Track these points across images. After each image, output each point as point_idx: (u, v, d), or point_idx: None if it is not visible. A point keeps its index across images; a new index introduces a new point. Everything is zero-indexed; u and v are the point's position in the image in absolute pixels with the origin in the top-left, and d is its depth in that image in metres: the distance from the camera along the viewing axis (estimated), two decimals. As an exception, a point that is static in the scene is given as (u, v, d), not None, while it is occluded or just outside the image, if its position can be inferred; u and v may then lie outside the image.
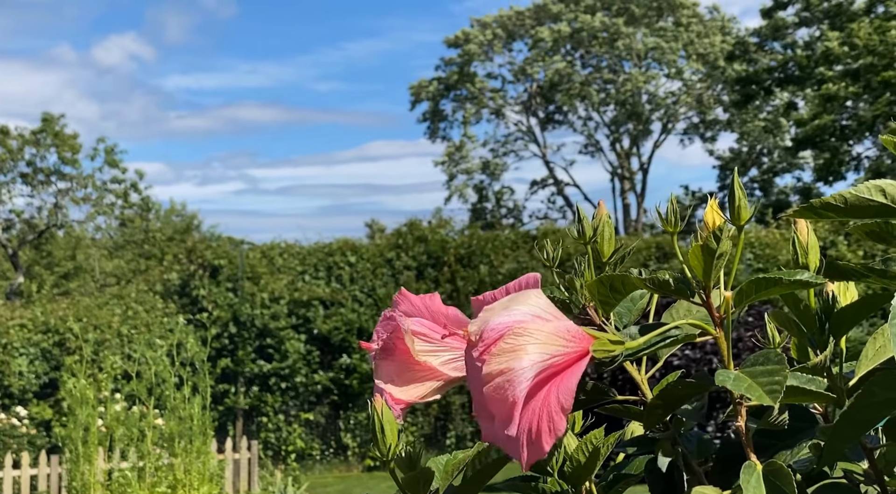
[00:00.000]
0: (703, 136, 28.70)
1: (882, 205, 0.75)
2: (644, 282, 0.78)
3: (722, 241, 0.73)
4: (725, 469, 0.86)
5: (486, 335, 0.66)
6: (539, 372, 0.67)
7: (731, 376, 0.73)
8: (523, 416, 0.68)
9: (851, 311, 0.84)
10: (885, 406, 0.78)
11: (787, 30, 22.13)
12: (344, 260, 15.13)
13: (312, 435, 14.70)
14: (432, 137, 29.15)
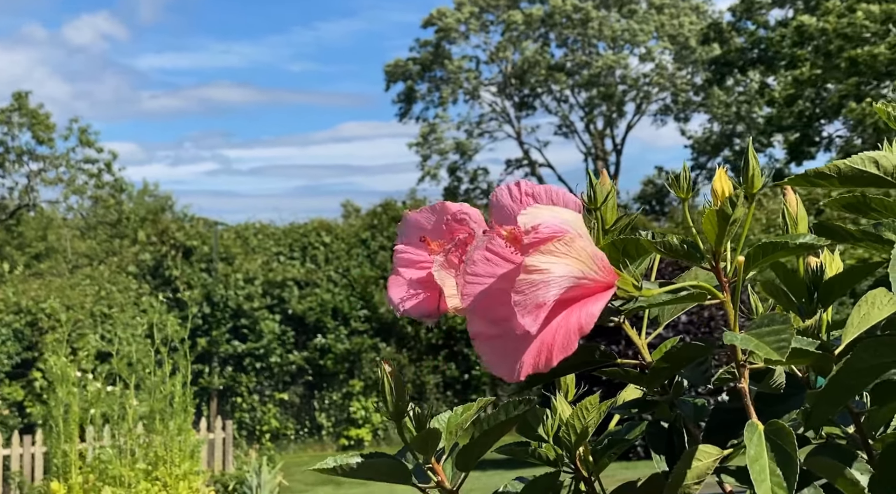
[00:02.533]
0: (676, 117, 28.83)
1: (875, 175, 0.78)
2: (655, 246, 0.80)
3: (737, 208, 0.75)
4: (719, 431, 0.89)
5: (541, 230, 0.67)
6: (571, 287, 0.68)
7: (738, 336, 0.76)
8: (542, 326, 0.68)
9: (839, 280, 0.87)
10: (872, 371, 0.82)
11: (761, 10, 22.21)
12: (319, 240, 15.11)
13: (287, 415, 14.72)
14: (404, 118, 29.11)
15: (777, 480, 0.75)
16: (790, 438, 0.76)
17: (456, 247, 0.78)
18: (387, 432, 14.71)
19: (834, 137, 21.14)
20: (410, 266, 0.83)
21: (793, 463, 0.74)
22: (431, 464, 0.86)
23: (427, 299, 0.80)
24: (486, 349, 0.71)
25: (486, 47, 28.86)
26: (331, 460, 0.88)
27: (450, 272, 0.79)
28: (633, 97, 28.71)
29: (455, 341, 14.71)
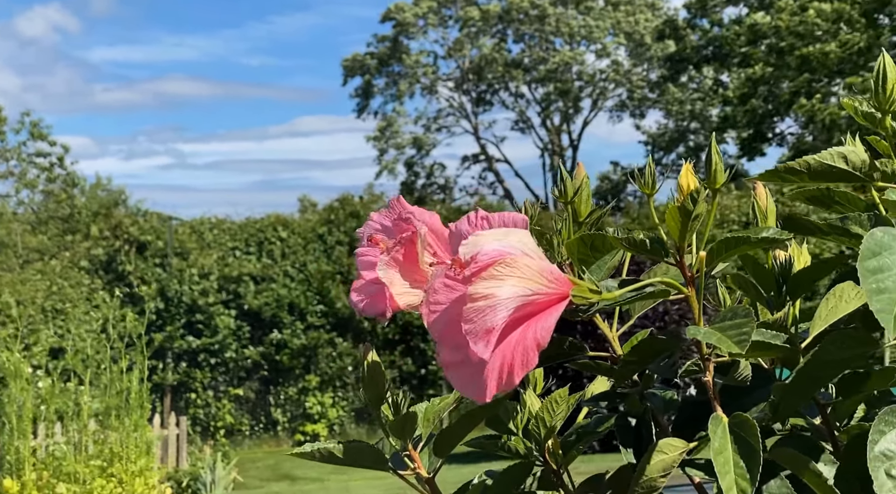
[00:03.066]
0: (632, 113, 29.02)
1: (844, 170, 0.79)
2: (620, 242, 0.81)
3: (699, 203, 0.76)
4: (687, 424, 0.90)
5: (480, 258, 0.68)
6: (520, 305, 0.70)
7: (701, 330, 0.77)
8: (497, 347, 0.70)
9: (808, 274, 0.88)
10: (839, 364, 0.83)
11: (716, 7, 22.43)
12: (275, 235, 15.04)
13: (242, 411, 14.64)
14: (362, 113, 29.00)
15: (741, 472, 0.76)
16: (754, 430, 0.77)
17: (398, 244, 0.79)
18: (343, 427, 14.68)
19: (786, 134, 21.42)
20: (369, 268, 0.84)
21: (756, 455, 0.75)
22: (409, 451, 0.86)
23: (378, 297, 0.81)
24: (453, 375, 0.72)
25: (444, 43, 28.87)
26: (308, 445, 0.88)
27: (394, 269, 0.80)
28: (589, 93, 28.86)
29: (411, 336, 14.72)
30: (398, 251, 0.79)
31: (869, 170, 0.79)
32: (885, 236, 0.75)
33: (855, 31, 17.55)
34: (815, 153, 3.77)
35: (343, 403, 14.67)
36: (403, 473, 0.87)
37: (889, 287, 0.72)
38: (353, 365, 14.63)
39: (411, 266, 0.79)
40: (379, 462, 0.87)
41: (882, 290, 0.72)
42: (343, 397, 14.67)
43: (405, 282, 0.79)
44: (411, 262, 0.79)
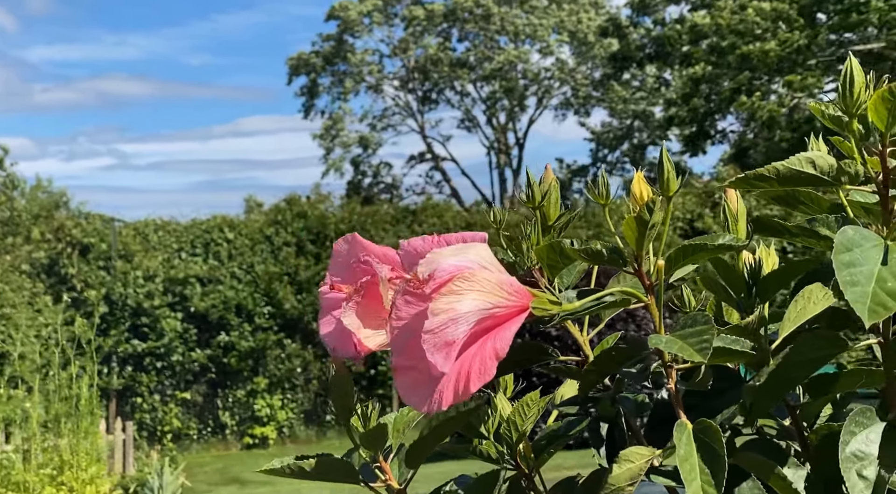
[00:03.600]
0: (576, 111, 29.21)
1: (812, 175, 0.80)
2: (578, 253, 0.81)
3: (655, 212, 0.77)
4: (659, 428, 0.90)
5: (438, 274, 0.68)
6: (481, 319, 0.70)
7: (663, 339, 0.78)
8: (457, 359, 0.70)
9: (777, 276, 0.89)
10: (810, 364, 0.84)
11: (657, 6, 22.66)
12: (222, 236, 14.91)
13: (189, 415, 14.50)
14: (308, 113, 28.86)
15: (706, 478, 0.76)
16: (717, 436, 0.77)
17: (359, 290, 0.80)
18: (292, 429, 14.60)
19: (727, 131, 21.71)
20: (336, 307, 0.84)
21: (721, 461, 0.76)
22: (379, 462, 0.86)
23: (347, 342, 0.82)
24: (401, 380, 0.73)
25: (390, 41, 28.83)
26: (277, 461, 0.87)
27: (358, 314, 0.81)
28: (534, 91, 29.00)
29: (361, 336, 14.67)
30: (360, 295, 0.79)
31: (836, 173, 0.80)
32: (856, 234, 0.77)
33: (794, 29, 17.84)
34: (755, 149, 3.87)
35: (292, 405, 14.59)
36: (374, 485, 0.87)
37: (860, 281, 0.75)
38: (303, 366, 14.56)
39: (376, 306, 0.80)
40: (350, 475, 0.86)
41: (855, 283, 0.75)
42: (292, 399, 14.60)
43: (371, 325, 0.80)
44: (376, 303, 0.80)
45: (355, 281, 0.81)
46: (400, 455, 0.88)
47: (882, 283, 0.74)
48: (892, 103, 0.76)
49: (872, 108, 0.78)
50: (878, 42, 18.15)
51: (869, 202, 0.92)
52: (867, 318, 0.72)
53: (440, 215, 15.45)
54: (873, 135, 0.80)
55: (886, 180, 0.80)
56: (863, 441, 0.79)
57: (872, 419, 0.80)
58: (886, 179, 0.80)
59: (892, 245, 0.77)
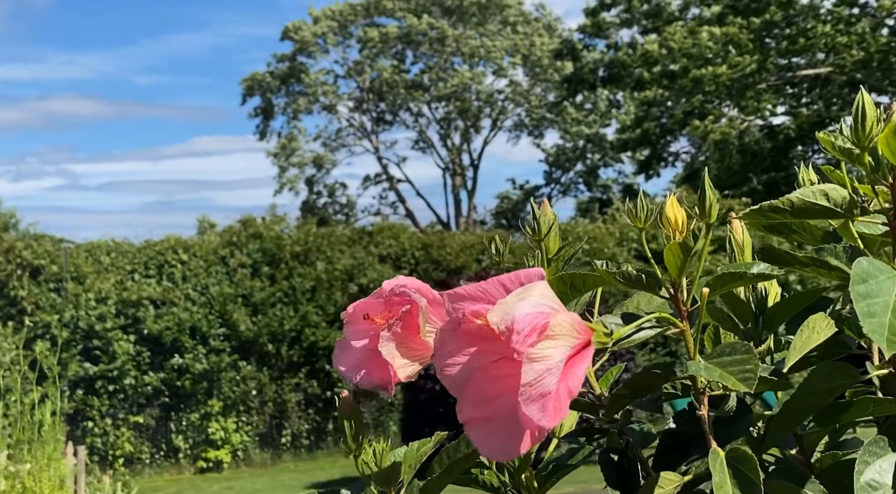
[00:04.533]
0: (530, 133, 29.39)
1: (825, 207, 0.81)
2: (613, 277, 0.81)
3: (700, 239, 0.77)
4: (669, 456, 0.91)
5: (519, 325, 0.67)
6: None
7: (702, 366, 0.78)
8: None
9: (784, 306, 0.90)
10: (824, 394, 0.85)
11: (610, 30, 22.92)
12: (176, 258, 14.75)
13: (142, 439, 14.30)
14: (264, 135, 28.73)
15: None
16: (753, 463, 0.77)
17: (400, 320, 0.80)
18: (247, 453, 14.45)
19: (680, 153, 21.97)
20: (360, 336, 0.84)
21: (756, 489, 0.76)
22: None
23: (379, 371, 0.82)
24: (476, 433, 0.72)
25: (344, 62, 28.82)
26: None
27: (394, 344, 0.81)
28: (488, 113, 29.15)
29: (317, 358, 14.59)
30: (398, 325, 0.78)
31: (849, 206, 0.81)
32: (870, 266, 0.78)
33: (744, 53, 18.13)
34: (706, 171, 3.88)
35: (247, 428, 14.45)
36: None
37: (877, 311, 0.76)
38: (258, 388, 14.43)
39: (411, 337, 0.79)
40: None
41: (872, 314, 0.76)
42: (247, 422, 14.45)
43: (404, 355, 0.79)
44: (411, 333, 0.79)
45: (389, 312, 0.81)
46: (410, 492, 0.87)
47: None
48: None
49: (884, 142, 0.79)
50: (826, 66, 18.52)
51: (871, 233, 0.93)
52: (887, 349, 0.73)
53: (396, 236, 15.43)
54: (883, 168, 0.81)
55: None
56: (877, 471, 0.80)
57: (885, 449, 0.81)
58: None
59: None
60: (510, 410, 0.68)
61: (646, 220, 0.80)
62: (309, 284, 14.65)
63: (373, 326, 0.83)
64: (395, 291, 0.81)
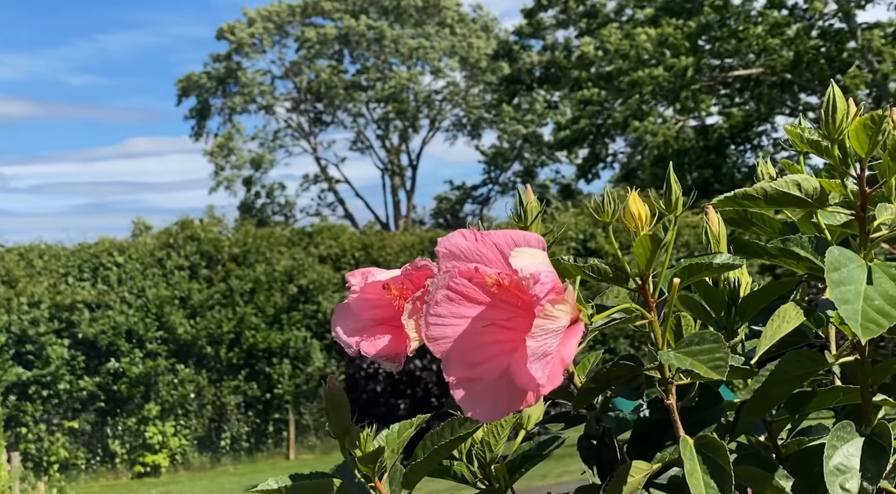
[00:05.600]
0: (468, 133, 29.46)
1: (798, 197, 0.83)
2: (582, 270, 0.82)
3: (669, 231, 0.78)
4: (642, 443, 0.92)
5: (545, 278, 0.67)
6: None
7: (672, 355, 0.79)
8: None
9: (757, 296, 0.92)
10: (794, 381, 0.87)
11: (546, 30, 23.07)
12: (111, 260, 14.53)
13: (77, 444, 14.08)
14: (200, 135, 28.39)
15: (713, 491, 0.78)
16: (722, 450, 0.79)
17: (424, 292, 0.79)
18: (185, 456, 14.29)
19: (617, 154, 22.20)
20: (371, 307, 0.83)
21: (727, 476, 0.78)
22: (374, 483, 0.85)
23: (391, 343, 0.81)
24: (463, 394, 0.72)
25: (282, 63, 28.62)
26: (272, 481, 0.86)
27: (414, 316, 0.80)
28: (426, 113, 29.16)
29: (256, 360, 14.47)
30: (421, 299, 0.78)
31: (820, 196, 0.83)
32: (841, 255, 0.80)
33: (679, 55, 18.38)
34: (643, 171, 4.00)
35: (185, 431, 14.28)
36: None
37: (850, 298, 0.78)
38: (196, 391, 14.27)
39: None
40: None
41: (847, 301, 0.78)
42: (185, 425, 14.29)
43: (415, 328, 0.79)
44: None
45: (404, 286, 0.81)
46: (392, 475, 0.88)
47: (869, 301, 0.78)
48: (873, 131, 0.80)
49: (853, 135, 0.81)
50: (757, 67, 18.85)
51: (831, 225, 0.96)
52: (862, 335, 0.75)
53: (336, 237, 15.37)
54: (851, 161, 0.84)
55: (864, 203, 0.84)
56: (845, 455, 0.82)
57: (852, 434, 0.83)
58: (864, 203, 0.84)
59: (872, 265, 0.81)
60: (498, 373, 0.69)
61: (613, 215, 0.81)
62: (248, 286, 14.53)
63: (386, 296, 0.82)
64: (416, 265, 0.81)
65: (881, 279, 0.80)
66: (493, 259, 0.71)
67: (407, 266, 0.82)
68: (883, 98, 17.22)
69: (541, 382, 0.66)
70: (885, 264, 0.81)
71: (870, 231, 0.84)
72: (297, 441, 14.53)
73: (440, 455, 0.86)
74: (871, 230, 0.84)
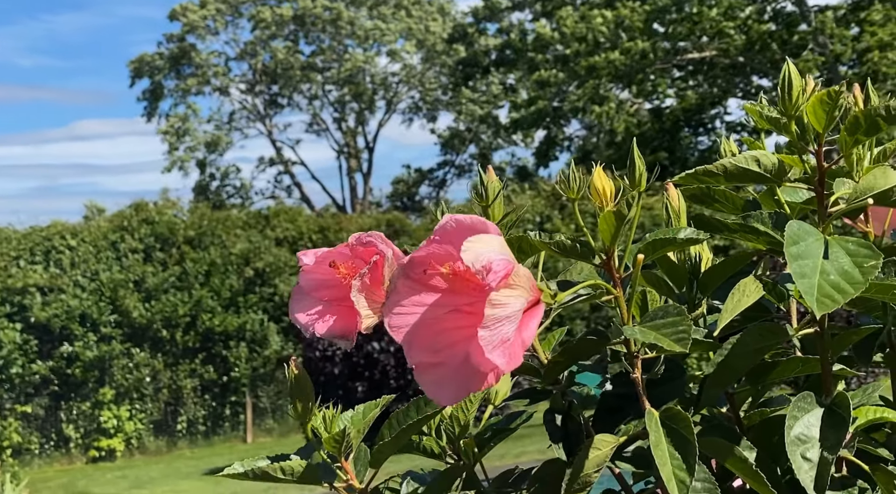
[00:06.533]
0: (425, 116, 29.41)
1: (757, 173, 0.85)
2: (548, 246, 0.83)
3: (633, 207, 0.80)
4: (607, 417, 0.94)
5: (497, 266, 0.68)
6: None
7: (637, 330, 0.81)
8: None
9: (718, 270, 0.94)
10: (755, 354, 0.89)
11: (502, 12, 23.07)
12: (64, 243, 14.36)
13: (30, 429, 13.94)
14: (152, 116, 28.04)
15: (677, 463, 0.80)
16: (686, 422, 0.81)
17: (370, 271, 0.80)
18: (140, 441, 14.20)
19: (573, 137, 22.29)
20: (319, 287, 0.84)
21: (692, 447, 0.80)
22: (340, 463, 0.86)
23: (341, 322, 0.82)
24: (426, 378, 0.73)
25: (236, 44, 28.35)
26: (238, 465, 0.86)
27: (363, 294, 0.81)
28: (383, 96, 29.05)
29: (213, 343, 14.40)
30: (368, 276, 0.79)
31: (778, 172, 0.85)
32: (800, 229, 0.82)
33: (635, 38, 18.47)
34: (598, 153, 4.06)
35: (141, 415, 14.19)
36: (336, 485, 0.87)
37: (807, 272, 0.80)
38: (152, 375, 14.18)
39: (375, 288, 0.80)
40: (310, 476, 0.86)
41: (804, 275, 0.80)
42: (141, 409, 14.19)
43: (367, 305, 0.80)
44: (375, 285, 0.80)
45: (353, 263, 0.81)
46: (357, 456, 0.89)
47: (825, 276, 0.79)
48: (830, 106, 0.82)
49: (810, 111, 0.83)
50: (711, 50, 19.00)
51: (793, 201, 0.98)
52: (817, 309, 0.77)
53: (293, 220, 15.31)
54: (809, 136, 0.85)
55: (822, 178, 0.86)
56: (806, 425, 0.84)
57: (812, 404, 0.85)
58: (822, 177, 0.86)
59: (830, 239, 0.82)
60: (461, 358, 0.70)
61: (578, 191, 0.82)
62: (203, 269, 14.43)
63: (335, 275, 0.83)
64: (361, 240, 0.82)
65: (838, 253, 0.81)
66: (450, 252, 0.72)
67: (351, 240, 0.82)
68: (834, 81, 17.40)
69: (503, 368, 0.67)
70: (843, 238, 0.83)
71: (828, 205, 0.86)
72: (255, 425, 14.49)
73: (407, 434, 0.87)
74: (829, 204, 0.86)
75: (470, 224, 0.72)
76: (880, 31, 16.52)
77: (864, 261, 0.79)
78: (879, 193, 0.83)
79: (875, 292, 0.83)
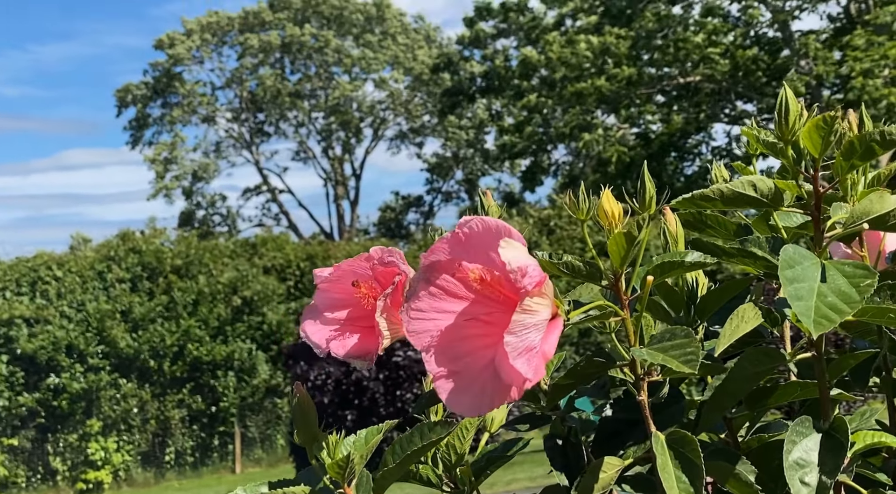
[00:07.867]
0: (411, 143, 29.47)
1: (753, 197, 0.85)
2: (557, 267, 0.83)
3: (643, 230, 0.79)
4: (608, 441, 0.93)
5: (532, 271, 0.68)
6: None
7: (643, 352, 0.80)
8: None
9: (715, 296, 0.94)
10: (753, 378, 0.89)
11: (488, 40, 23.17)
12: (50, 274, 14.30)
13: (16, 462, 13.81)
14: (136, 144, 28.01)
15: (684, 486, 0.79)
16: (693, 445, 0.81)
17: (394, 291, 0.79)
18: (129, 472, 14.08)
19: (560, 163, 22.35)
20: (334, 306, 0.83)
21: (699, 470, 0.79)
22: (344, 490, 0.85)
23: (361, 342, 0.81)
24: (445, 387, 0.72)
25: (222, 73, 28.39)
26: (241, 490, 0.85)
27: (385, 315, 0.80)
28: (369, 123, 29.11)
29: (201, 373, 14.32)
30: (392, 296, 0.78)
31: (774, 196, 0.85)
32: (795, 253, 0.82)
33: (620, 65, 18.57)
34: (585, 180, 4.09)
35: (128, 447, 14.08)
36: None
37: (804, 295, 0.80)
38: (139, 406, 14.08)
39: (393, 309, 0.79)
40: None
41: (800, 297, 0.80)
42: (128, 440, 14.09)
43: (387, 326, 0.79)
44: (394, 306, 0.79)
45: (374, 282, 0.80)
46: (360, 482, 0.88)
47: (822, 298, 0.79)
48: (826, 131, 0.82)
49: (806, 136, 0.83)
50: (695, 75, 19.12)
51: (787, 226, 0.98)
52: (814, 330, 0.77)
53: (280, 248, 15.29)
54: (805, 161, 0.86)
55: (819, 203, 0.86)
56: (804, 450, 0.84)
57: (810, 429, 0.85)
58: (819, 202, 0.86)
59: (827, 263, 0.83)
60: (480, 367, 0.69)
61: (587, 213, 0.82)
62: (191, 298, 14.38)
63: (354, 295, 0.82)
64: (383, 260, 0.81)
65: (835, 276, 0.81)
66: (475, 255, 0.71)
67: (373, 255, 0.81)
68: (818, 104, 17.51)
69: (527, 376, 0.66)
70: (839, 261, 0.83)
71: (824, 229, 0.86)
72: (244, 455, 14.39)
73: (412, 459, 0.87)
74: (826, 229, 0.87)
75: (496, 226, 0.71)
76: (863, 56, 16.64)
77: (860, 281, 0.79)
78: (876, 218, 0.83)
79: (871, 316, 0.83)
